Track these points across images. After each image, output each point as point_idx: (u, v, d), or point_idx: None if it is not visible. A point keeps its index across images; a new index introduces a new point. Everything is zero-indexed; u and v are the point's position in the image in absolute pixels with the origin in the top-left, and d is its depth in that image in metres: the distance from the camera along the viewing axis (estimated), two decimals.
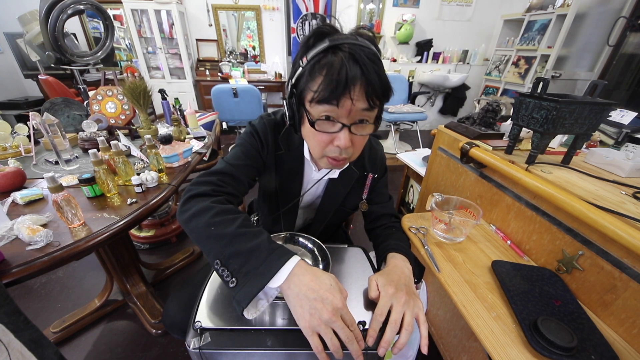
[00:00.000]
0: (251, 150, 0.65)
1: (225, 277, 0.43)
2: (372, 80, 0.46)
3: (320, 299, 0.41)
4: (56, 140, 0.95)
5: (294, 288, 0.42)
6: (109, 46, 1.51)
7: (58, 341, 1.10)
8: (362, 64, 0.45)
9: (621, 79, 2.55)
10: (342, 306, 0.42)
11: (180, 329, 0.59)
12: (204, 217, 0.48)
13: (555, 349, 0.47)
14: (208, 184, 0.55)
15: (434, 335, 1.08)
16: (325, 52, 0.47)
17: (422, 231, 0.81)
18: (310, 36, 0.50)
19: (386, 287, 0.50)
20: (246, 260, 0.43)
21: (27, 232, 0.61)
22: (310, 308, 0.41)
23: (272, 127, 0.66)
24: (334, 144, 0.53)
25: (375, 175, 0.74)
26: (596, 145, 0.98)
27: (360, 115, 0.50)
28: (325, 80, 0.46)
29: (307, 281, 0.43)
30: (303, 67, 0.50)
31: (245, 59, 3.68)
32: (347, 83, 0.45)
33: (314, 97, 0.48)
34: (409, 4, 3.58)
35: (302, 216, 0.83)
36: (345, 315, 0.42)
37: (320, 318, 0.40)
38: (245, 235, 0.46)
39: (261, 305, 0.45)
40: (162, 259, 1.56)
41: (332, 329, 0.41)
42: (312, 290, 0.42)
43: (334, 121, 0.50)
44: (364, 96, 0.47)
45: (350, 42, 0.47)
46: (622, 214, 0.54)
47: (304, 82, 0.50)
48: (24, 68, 3.21)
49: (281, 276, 0.43)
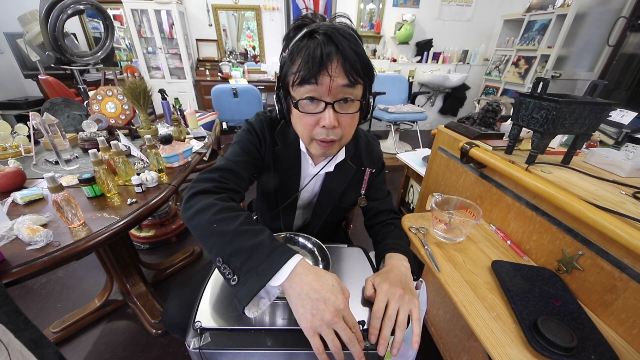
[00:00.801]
0: (249, 147, 0.66)
1: (227, 275, 0.43)
2: (349, 55, 0.48)
3: (323, 299, 0.41)
4: (56, 140, 0.95)
5: (295, 287, 0.42)
6: (109, 46, 1.51)
7: (58, 341, 1.10)
8: (337, 42, 0.47)
9: (621, 79, 2.55)
10: (344, 307, 0.42)
11: (180, 328, 0.59)
12: (206, 214, 0.48)
13: (555, 349, 0.47)
14: (210, 180, 0.56)
15: (434, 335, 1.07)
16: (302, 38, 0.50)
17: (422, 231, 0.81)
18: (290, 30, 0.54)
19: (381, 285, 0.51)
20: (248, 258, 0.43)
21: (27, 232, 0.61)
22: (312, 308, 0.41)
23: (269, 123, 0.67)
24: (319, 124, 0.53)
25: (373, 170, 0.74)
26: (596, 145, 0.98)
27: (342, 92, 0.51)
28: (303, 61, 0.48)
29: (310, 281, 0.42)
30: (285, 57, 0.52)
31: (245, 59, 3.68)
32: (323, 60, 0.47)
33: (295, 79, 0.50)
34: (409, 4, 3.58)
35: (300, 216, 0.83)
36: (347, 316, 0.42)
37: (322, 319, 0.40)
38: (247, 232, 0.46)
39: (263, 304, 0.45)
40: (162, 259, 1.56)
41: (333, 329, 0.41)
42: (315, 290, 0.42)
43: (318, 100, 0.51)
44: (342, 72, 0.48)
45: (326, 25, 0.49)
46: (622, 214, 0.54)
47: (285, 69, 0.52)
48: (24, 68, 3.21)
49: (282, 275, 0.42)
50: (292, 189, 0.72)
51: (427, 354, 1.06)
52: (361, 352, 0.41)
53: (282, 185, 0.71)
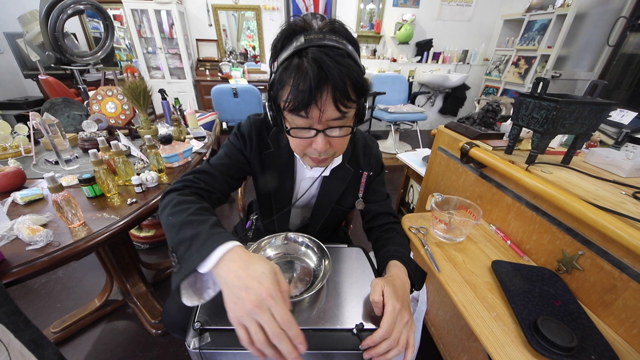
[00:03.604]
0: (233, 150, 0.68)
1: (173, 264, 0.45)
2: (338, 85, 0.44)
3: (245, 287, 0.37)
4: (56, 140, 0.95)
5: (222, 275, 0.40)
6: (109, 46, 1.51)
7: (58, 341, 1.10)
8: (326, 70, 0.43)
9: (621, 79, 2.54)
10: (269, 297, 0.37)
11: (180, 328, 0.59)
12: (167, 208, 0.51)
13: (555, 349, 0.47)
14: (183, 181, 0.59)
15: (434, 335, 1.08)
16: (290, 58, 0.46)
17: (422, 231, 0.81)
18: (279, 38, 0.49)
19: (393, 301, 0.48)
20: (188, 246, 0.44)
21: (27, 232, 0.61)
22: (234, 296, 0.38)
23: (259, 126, 0.68)
24: (312, 146, 0.54)
25: (370, 173, 0.74)
26: (596, 145, 0.98)
27: (333, 122, 0.50)
28: (292, 91, 0.46)
29: (236, 268, 0.40)
30: (274, 72, 0.50)
31: (245, 59, 3.68)
32: (312, 92, 0.44)
33: (285, 106, 0.48)
34: (409, 4, 3.58)
35: (298, 215, 0.83)
36: (275, 308, 0.37)
37: (242, 308, 0.37)
38: (192, 222, 0.47)
39: (207, 295, 0.44)
40: (162, 259, 1.56)
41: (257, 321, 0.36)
42: (238, 277, 0.39)
43: (309, 128, 0.51)
44: (332, 104, 0.46)
45: (317, 44, 0.45)
46: (622, 214, 0.54)
47: (275, 89, 0.50)
48: (24, 68, 3.20)
49: (210, 261, 0.41)
50: (287, 192, 0.72)
51: (427, 354, 1.06)
52: (292, 351, 0.36)
53: (276, 187, 0.71)
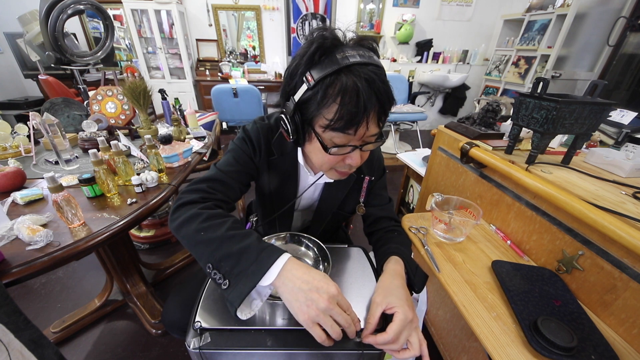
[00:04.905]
0: (243, 156, 0.64)
1: (217, 280, 0.44)
2: (385, 104, 0.47)
3: (315, 289, 0.42)
4: (56, 140, 0.95)
5: (287, 283, 0.43)
6: (109, 46, 1.51)
7: (58, 341, 1.10)
8: (377, 91, 0.45)
9: (621, 79, 2.55)
10: (337, 293, 0.43)
11: (180, 328, 0.59)
12: (193, 223, 0.48)
13: (555, 349, 0.47)
14: (197, 191, 0.55)
15: (434, 335, 1.07)
16: (336, 75, 0.45)
17: (422, 231, 0.81)
18: (316, 51, 0.46)
19: (405, 309, 0.47)
20: (237, 261, 0.43)
21: (27, 232, 0.61)
22: (307, 300, 0.41)
23: (266, 132, 0.65)
24: (345, 162, 0.54)
25: (372, 178, 0.73)
26: (596, 145, 0.98)
27: (371, 137, 0.51)
28: (341, 110, 0.45)
29: (300, 274, 0.43)
30: (311, 87, 0.46)
31: (245, 59, 3.68)
32: (366, 112, 0.45)
33: (329, 124, 0.47)
34: (409, 4, 3.58)
35: (299, 218, 0.83)
36: (341, 301, 0.43)
37: (317, 308, 0.41)
38: (234, 237, 0.46)
39: (255, 306, 0.45)
40: (162, 259, 1.56)
41: (330, 316, 0.41)
42: (306, 282, 0.42)
43: (346, 145, 0.51)
44: (376, 122, 0.49)
45: (360, 61, 0.45)
46: (622, 214, 0.54)
47: (315, 107, 0.47)
48: (24, 68, 3.20)
49: (272, 274, 0.43)
50: (289, 197, 0.72)
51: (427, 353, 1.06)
52: (354, 331, 0.43)
53: (278, 191, 0.71)
